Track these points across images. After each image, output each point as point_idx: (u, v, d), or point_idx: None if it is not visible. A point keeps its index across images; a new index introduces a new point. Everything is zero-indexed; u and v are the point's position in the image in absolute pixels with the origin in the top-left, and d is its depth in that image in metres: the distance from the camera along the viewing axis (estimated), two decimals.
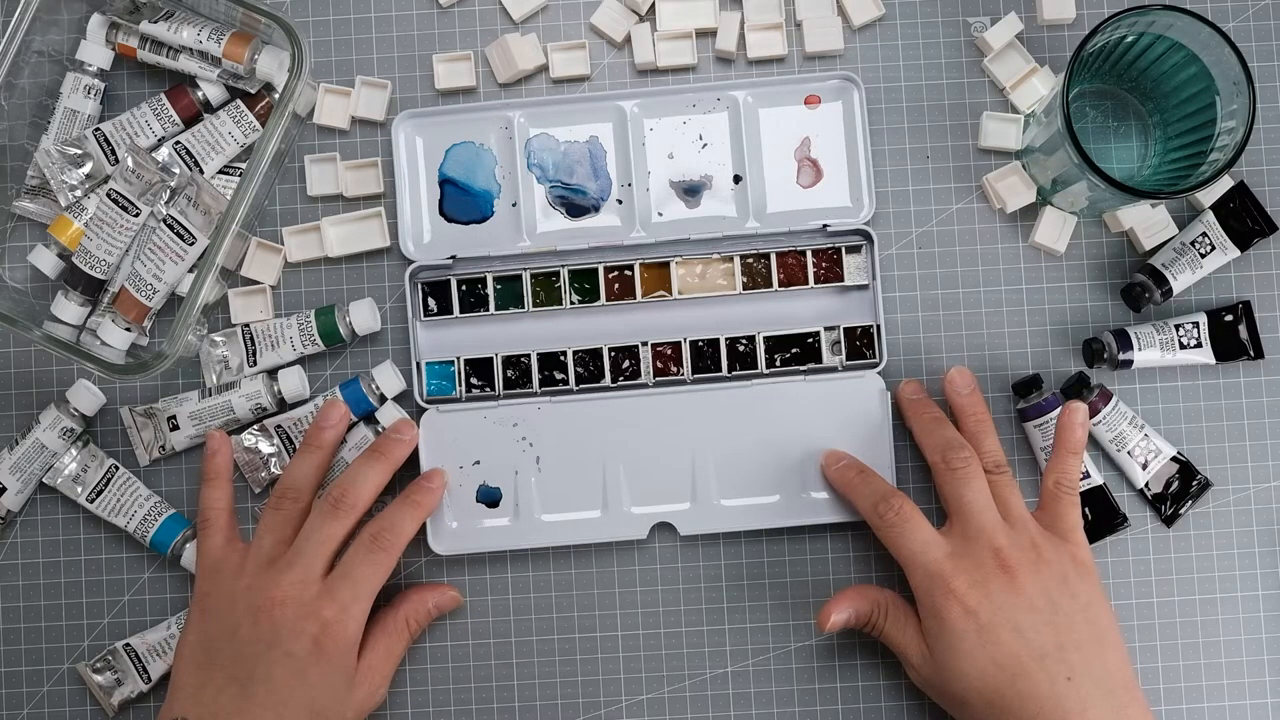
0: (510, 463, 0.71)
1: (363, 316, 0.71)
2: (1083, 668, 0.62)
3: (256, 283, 0.72)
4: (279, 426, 0.71)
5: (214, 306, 0.72)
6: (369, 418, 0.72)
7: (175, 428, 0.71)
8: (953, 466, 0.66)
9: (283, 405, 0.72)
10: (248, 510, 0.72)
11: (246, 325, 0.72)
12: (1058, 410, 0.70)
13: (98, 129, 0.72)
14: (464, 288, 0.72)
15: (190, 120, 0.72)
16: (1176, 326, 0.70)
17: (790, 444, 0.71)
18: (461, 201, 0.72)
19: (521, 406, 0.71)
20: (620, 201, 0.72)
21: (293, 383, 0.71)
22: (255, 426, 0.72)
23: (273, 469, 0.71)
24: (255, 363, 0.71)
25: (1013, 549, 0.64)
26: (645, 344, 0.71)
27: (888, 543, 0.66)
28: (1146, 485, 0.71)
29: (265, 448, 0.71)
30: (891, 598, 0.67)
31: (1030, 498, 0.71)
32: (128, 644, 0.71)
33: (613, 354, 0.71)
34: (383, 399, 0.71)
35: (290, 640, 0.63)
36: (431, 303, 0.72)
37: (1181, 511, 0.71)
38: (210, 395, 0.71)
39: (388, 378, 0.71)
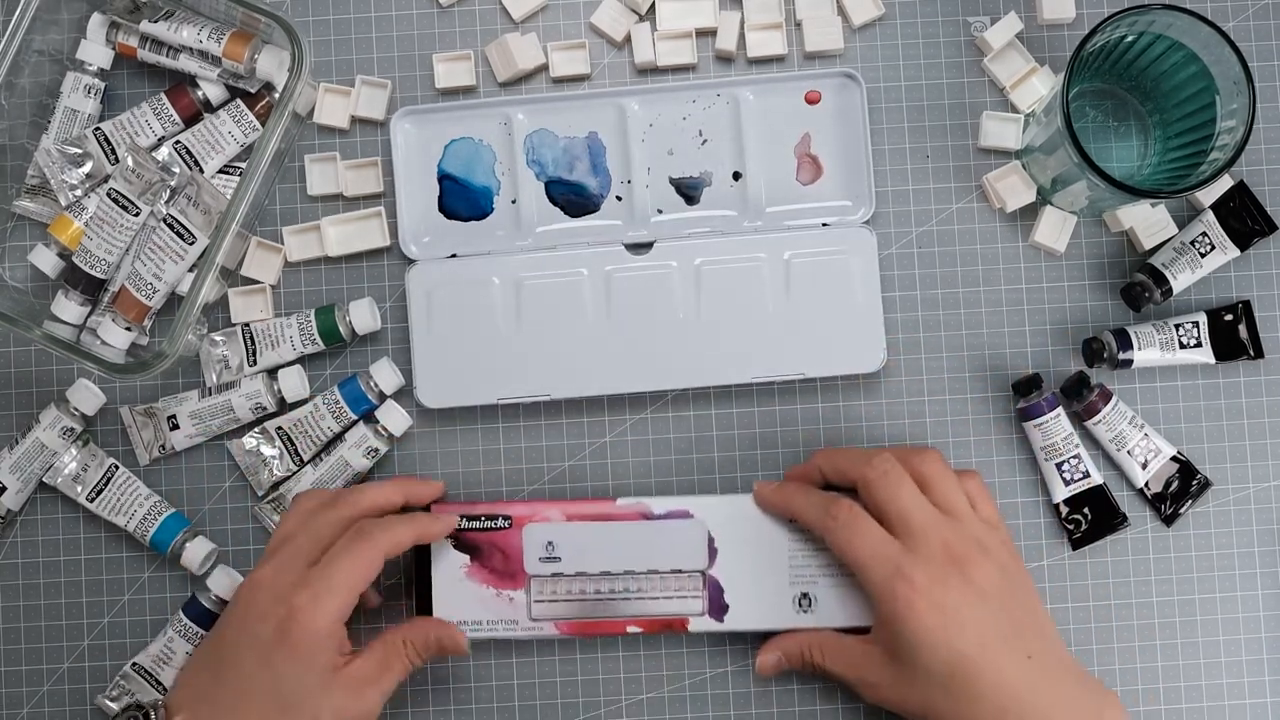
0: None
1: (362, 316, 0.71)
2: (1038, 646, 0.63)
3: (256, 282, 0.72)
4: (280, 429, 0.71)
5: (214, 306, 0.72)
6: (368, 416, 0.72)
7: (175, 427, 0.71)
8: (879, 475, 0.64)
9: (283, 405, 0.72)
10: (246, 510, 0.72)
11: (246, 325, 0.72)
12: (1058, 410, 0.70)
13: (98, 128, 0.72)
14: None
15: (190, 120, 0.72)
16: (1176, 326, 0.70)
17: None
18: (461, 197, 0.72)
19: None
20: (620, 198, 0.72)
21: (293, 382, 0.71)
22: (257, 429, 0.72)
23: (274, 472, 0.71)
24: (255, 362, 0.71)
25: (958, 542, 0.63)
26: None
27: (841, 546, 0.64)
28: (1146, 485, 0.71)
29: (267, 450, 0.71)
30: (820, 635, 0.67)
31: (1032, 497, 0.71)
32: (134, 663, 0.71)
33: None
34: (382, 397, 0.71)
35: (257, 622, 0.62)
36: None
37: (1181, 511, 0.71)
38: (210, 395, 0.71)
39: (386, 375, 0.71)
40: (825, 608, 0.68)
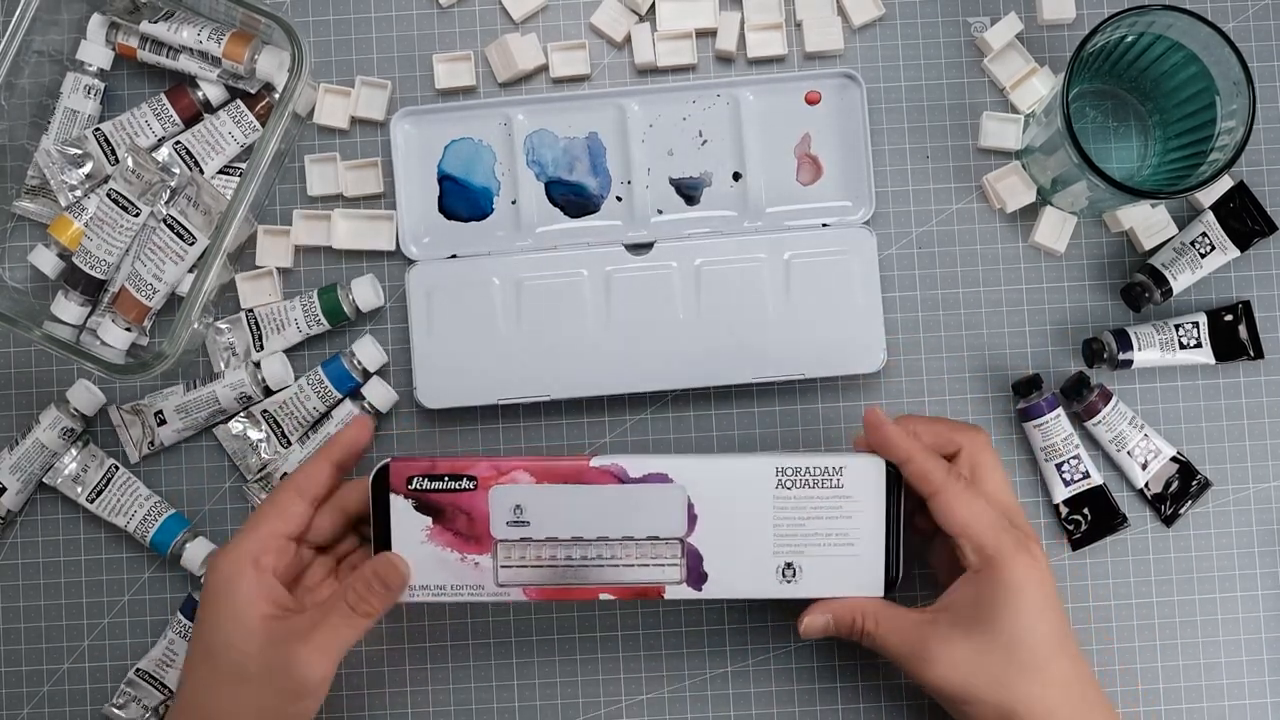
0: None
1: (365, 292, 0.71)
2: (1075, 651, 0.63)
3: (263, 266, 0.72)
4: (265, 412, 0.71)
5: (224, 289, 0.72)
6: (354, 394, 0.72)
7: (163, 422, 0.71)
8: (979, 449, 0.64)
9: (268, 393, 0.72)
10: (246, 511, 0.72)
11: (250, 311, 0.72)
12: (1058, 410, 0.70)
13: (98, 129, 0.72)
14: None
15: (190, 120, 0.72)
16: (1176, 326, 0.70)
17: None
18: (461, 198, 0.72)
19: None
20: (620, 199, 0.72)
21: (276, 370, 0.71)
22: (242, 414, 0.72)
23: (262, 454, 0.71)
24: (263, 346, 0.71)
25: (1029, 529, 0.63)
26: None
27: (959, 507, 0.61)
28: (1146, 485, 0.71)
29: (254, 434, 0.71)
30: (875, 602, 0.64)
31: (1032, 498, 0.71)
32: (138, 669, 0.71)
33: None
34: (366, 374, 0.71)
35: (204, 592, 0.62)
36: None
37: (1181, 511, 0.71)
38: (195, 387, 0.71)
39: (369, 352, 0.71)
40: (811, 578, 0.63)
